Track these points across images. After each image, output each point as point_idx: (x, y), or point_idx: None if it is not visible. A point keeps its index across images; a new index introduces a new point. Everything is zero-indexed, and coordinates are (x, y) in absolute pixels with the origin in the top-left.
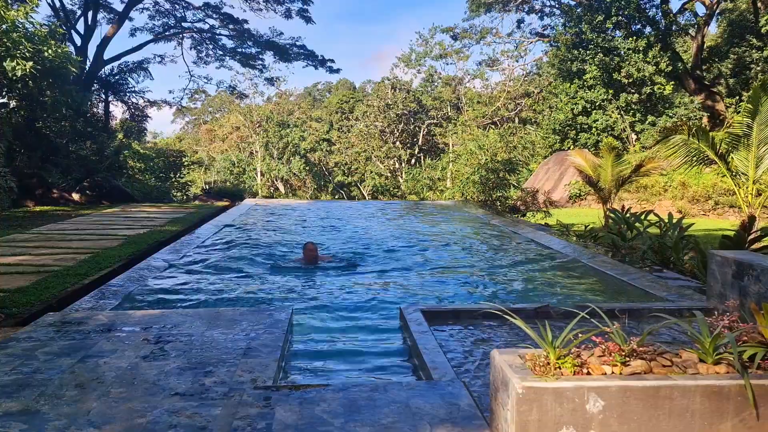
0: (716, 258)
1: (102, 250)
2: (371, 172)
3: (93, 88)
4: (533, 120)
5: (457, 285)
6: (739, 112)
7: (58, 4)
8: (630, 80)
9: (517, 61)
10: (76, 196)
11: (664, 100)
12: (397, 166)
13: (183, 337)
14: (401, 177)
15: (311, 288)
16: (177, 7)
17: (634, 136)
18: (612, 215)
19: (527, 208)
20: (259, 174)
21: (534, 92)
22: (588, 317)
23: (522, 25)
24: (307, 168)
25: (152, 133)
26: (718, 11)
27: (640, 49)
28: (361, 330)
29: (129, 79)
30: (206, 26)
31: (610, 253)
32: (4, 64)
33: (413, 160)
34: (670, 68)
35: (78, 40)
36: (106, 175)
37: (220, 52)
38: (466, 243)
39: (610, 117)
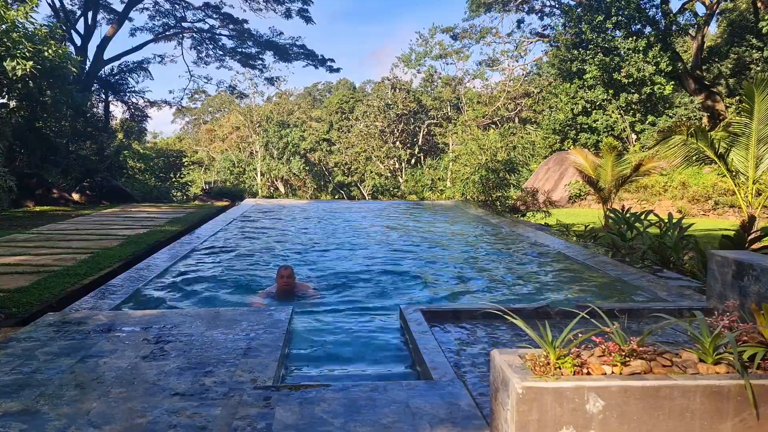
0: (716, 258)
1: (102, 250)
2: (371, 172)
3: (93, 88)
4: (533, 120)
5: (457, 285)
6: (740, 112)
7: (58, 4)
8: (630, 80)
9: (517, 61)
10: (76, 196)
11: (664, 100)
12: (397, 166)
13: (183, 337)
14: (401, 177)
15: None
16: (177, 7)
17: (634, 136)
18: (612, 215)
19: (527, 208)
20: (259, 174)
21: (534, 92)
22: (588, 317)
23: (522, 25)
24: (307, 168)
25: (152, 133)
26: (718, 11)
27: (640, 49)
28: (361, 330)
29: (129, 79)
30: (206, 26)
31: (610, 253)
32: (4, 64)
33: (413, 160)
34: (670, 68)
35: (78, 40)
36: (106, 175)
37: (220, 52)
38: (466, 244)
39: (610, 117)
